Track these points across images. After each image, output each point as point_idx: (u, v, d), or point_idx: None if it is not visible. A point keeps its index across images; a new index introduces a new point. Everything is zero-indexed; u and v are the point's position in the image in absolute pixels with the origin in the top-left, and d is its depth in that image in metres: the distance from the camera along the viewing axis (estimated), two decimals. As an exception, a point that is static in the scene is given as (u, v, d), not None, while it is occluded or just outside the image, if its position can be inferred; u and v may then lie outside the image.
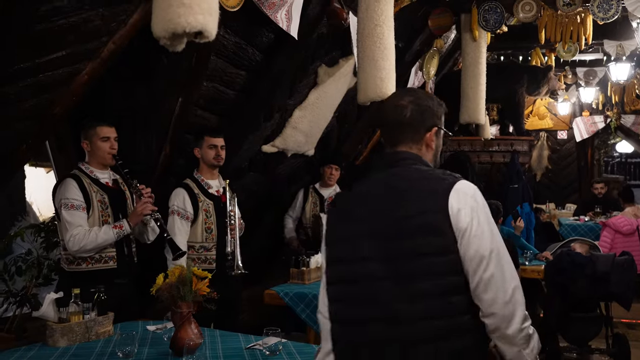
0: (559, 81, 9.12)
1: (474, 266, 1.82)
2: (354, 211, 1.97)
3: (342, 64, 5.21)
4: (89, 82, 3.19)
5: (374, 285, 1.86)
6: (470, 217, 1.84)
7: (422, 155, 2.04)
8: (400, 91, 2.19)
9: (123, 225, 3.48)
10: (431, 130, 2.04)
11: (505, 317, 1.83)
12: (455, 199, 1.85)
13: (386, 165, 2.03)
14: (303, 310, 4.13)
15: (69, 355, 2.65)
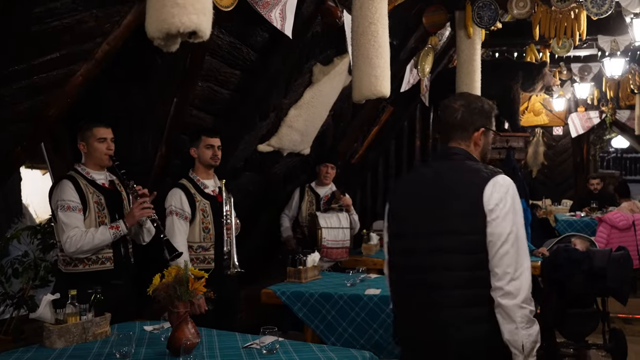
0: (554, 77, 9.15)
1: (494, 241, 2.20)
2: (410, 194, 2.46)
3: (337, 62, 5.21)
4: (83, 84, 3.19)
5: (417, 258, 2.33)
6: (498, 203, 2.22)
7: (470, 151, 2.44)
8: (455, 95, 2.57)
9: (120, 226, 3.48)
10: (479, 130, 2.43)
11: (509, 293, 2.16)
12: (490, 189, 2.24)
13: (438, 157, 2.57)
14: (300, 309, 4.14)
15: (66, 357, 2.66)
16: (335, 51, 5.19)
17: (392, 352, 3.90)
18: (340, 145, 6.66)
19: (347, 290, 4.14)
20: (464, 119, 2.42)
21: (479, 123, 2.44)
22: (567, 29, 6.33)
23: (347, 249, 5.53)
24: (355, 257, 5.92)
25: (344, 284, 4.29)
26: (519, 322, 2.16)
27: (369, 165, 8.51)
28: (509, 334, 2.17)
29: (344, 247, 5.49)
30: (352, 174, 7.64)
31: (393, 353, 3.89)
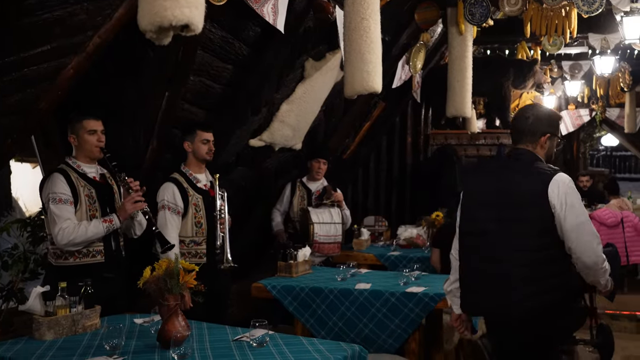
0: (545, 75, 9.18)
1: (566, 234, 2.74)
2: (483, 184, 3.02)
3: (329, 57, 5.22)
4: (74, 77, 3.19)
5: (489, 239, 2.85)
6: (561, 198, 2.74)
7: (536, 153, 2.95)
8: (528, 105, 3.18)
9: (113, 220, 3.48)
10: (544, 136, 2.95)
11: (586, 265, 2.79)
12: (554, 186, 2.75)
13: (509, 157, 3.08)
14: (290, 303, 4.16)
15: (55, 349, 2.66)
16: (327, 47, 5.20)
17: (382, 346, 3.93)
18: (331, 141, 6.67)
19: (337, 284, 4.16)
20: (533, 125, 2.95)
21: (546, 130, 2.96)
22: (558, 27, 6.36)
23: (339, 244, 5.54)
24: (347, 252, 5.95)
25: (334, 279, 4.31)
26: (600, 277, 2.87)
27: (361, 161, 8.53)
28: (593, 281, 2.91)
29: (336, 242, 5.51)
30: (343, 170, 7.66)
31: (383, 347, 3.92)
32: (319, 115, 5.89)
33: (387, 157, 8.92)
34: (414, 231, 6.42)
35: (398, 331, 3.92)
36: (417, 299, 3.89)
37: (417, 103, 8.45)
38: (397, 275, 4.41)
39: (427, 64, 7.57)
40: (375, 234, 6.92)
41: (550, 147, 3.00)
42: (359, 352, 2.75)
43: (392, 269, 5.71)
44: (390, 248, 6.30)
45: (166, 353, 2.55)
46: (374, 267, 5.72)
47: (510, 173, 2.92)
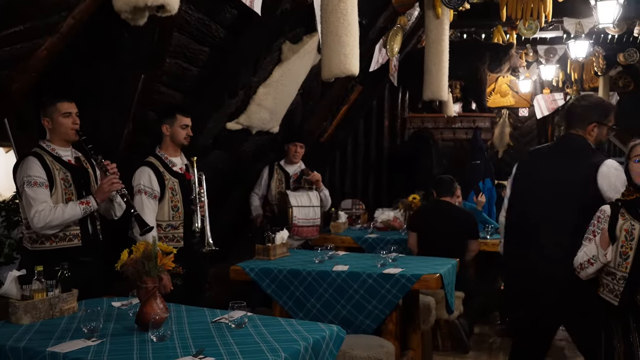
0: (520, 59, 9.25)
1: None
2: (537, 167, 3.49)
3: (306, 40, 5.21)
4: (48, 58, 3.15)
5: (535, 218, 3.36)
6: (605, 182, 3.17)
7: (586, 138, 3.34)
8: (580, 95, 3.72)
9: (90, 202, 3.45)
10: (592, 123, 3.34)
11: None
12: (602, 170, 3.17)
13: (561, 140, 3.61)
14: (269, 285, 4.17)
15: (33, 332, 2.64)
16: (304, 29, 5.18)
17: (359, 326, 3.97)
18: (309, 124, 6.67)
19: (315, 266, 4.18)
20: (583, 113, 3.34)
21: (594, 118, 3.34)
22: (534, 11, 6.41)
23: (317, 227, 5.56)
24: (324, 235, 5.98)
25: (312, 261, 4.33)
26: None
27: (338, 145, 8.54)
28: None
29: (315, 225, 5.53)
30: (321, 153, 7.67)
31: (360, 327, 3.96)
32: (297, 98, 5.89)
33: (364, 141, 8.95)
34: (390, 214, 6.47)
35: (375, 312, 3.96)
36: (394, 280, 3.93)
37: (394, 87, 8.47)
38: (375, 257, 4.44)
39: (404, 47, 7.58)
40: (352, 217, 6.97)
41: (598, 134, 3.39)
42: (337, 333, 2.77)
43: (369, 252, 5.76)
44: (368, 231, 6.35)
45: (145, 335, 2.55)
46: (351, 249, 5.76)
47: (561, 157, 3.39)
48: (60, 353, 2.34)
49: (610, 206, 3.06)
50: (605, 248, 2.98)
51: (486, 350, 5.41)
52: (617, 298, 3.00)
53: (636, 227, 2.94)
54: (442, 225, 5.40)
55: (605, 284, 3.05)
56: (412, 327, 4.39)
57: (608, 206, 3.06)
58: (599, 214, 3.07)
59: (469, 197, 6.90)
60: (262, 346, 2.44)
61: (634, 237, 2.94)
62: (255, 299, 4.82)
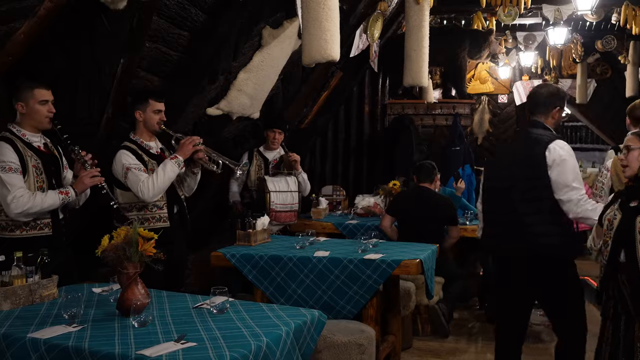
0: (500, 45, 9.30)
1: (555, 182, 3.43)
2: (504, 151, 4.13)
3: (286, 25, 5.18)
4: (25, 42, 3.10)
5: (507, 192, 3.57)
6: (554, 159, 3.43)
7: (546, 123, 3.64)
8: (542, 84, 4.27)
9: (69, 192, 3.41)
10: (556, 108, 3.66)
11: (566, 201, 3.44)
12: (551, 149, 3.44)
13: (527, 126, 3.74)
14: (250, 271, 4.18)
15: (13, 318, 2.63)
16: (284, 14, 5.15)
17: (340, 312, 3.99)
18: (289, 110, 6.65)
19: (296, 252, 4.20)
20: (546, 99, 3.64)
21: (556, 103, 3.66)
22: (513, -3, 6.44)
23: (295, 212, 5.57)
24: (305, 221, 6.00)
25: (293, 247, 4.34)
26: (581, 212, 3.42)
27: (318, 131, 8.54)
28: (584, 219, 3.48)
29: (293, 210, 5.53)
30: (301, 139, 7.66)
31: (341, 313, 3.98)
32: (277, 84, 5.86)
33: (344, 127, 8.96)
34: (371, 200, 6.50)
35: (356, 297, 3.98)
36: (375, 265, 3.95)
37: (375, 73, 8.48)
38: (355, 243, 4.47)
39: (385, 33, 7.58)
40: (333, 203, 6.98)
41: (558, 118, 3.69)
42: (318, 317, 2.79)
43: (350, 237, 5.79)
44: (348, 217, 6.37)
45: (126, 321, 2.55)
46: (332, 235, 5.78)
47: (525, 140, 3.65)
48: (41, 339, 2.33)
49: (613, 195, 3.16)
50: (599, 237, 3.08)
51: (465, 335, 5.48)
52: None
53: (617, 217, 2.99)
54: (421, 211, 5.43)
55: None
56: (393, 312, 4.43)
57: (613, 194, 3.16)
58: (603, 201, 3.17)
59: (448, 183, 6.95)
60: (244, 331, 2.45)
61: (613, 227, 2.99)
62: (236, 286, 4.83)
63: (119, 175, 3.90)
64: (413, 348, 5.06)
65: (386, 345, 4.21)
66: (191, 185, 4.27)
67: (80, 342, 2.30)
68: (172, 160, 3.89)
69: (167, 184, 3.89)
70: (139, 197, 3.83)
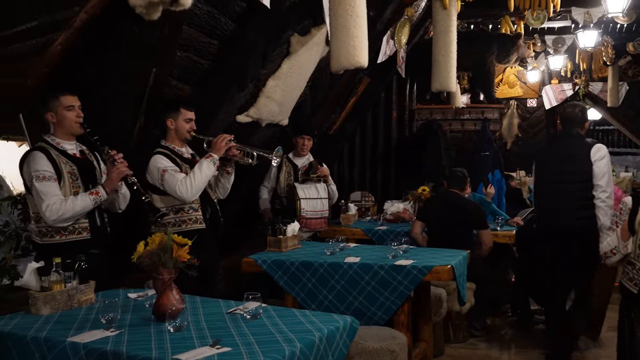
0: (528, 49, 9.22)
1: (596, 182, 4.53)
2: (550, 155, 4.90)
3: (314, 32, 5.21)
4: (62, 53, 3.17)
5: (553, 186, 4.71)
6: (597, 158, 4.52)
7: (582, 133, 4.75)
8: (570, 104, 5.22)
9: (99, 192, 3.46)
10: (587, 121, 4.83)
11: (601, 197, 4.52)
12: (593, 152, 4.55)
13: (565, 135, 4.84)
14: (281, 277, 4.20)
15: (52, 323, 2.69)
16: (312, 21, 5.18)
17: (371, 318, 3.99)
18: (317, 116, 6.68)
19: (327, 258, 4.21)
20: (582, 116, 4.74)
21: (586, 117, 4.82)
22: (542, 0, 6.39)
23: (325, 219, 5.59)
24: (334, 227, 6.01)
25: (323, 253, 4.36)
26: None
27: (346, 137, 8.55)
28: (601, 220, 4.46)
29: (323, 217, 5.55)
30: (329, 145, 7.68)
31: (372, 319, 3.98)
32: (305, 91, 5.89)
33: (372, 133, 8.95)
34: (400, 206, 6.49)
35: (387, 303, 3.98)
36: (406, 271, 3.95)
37: (402, 78, 8.46)
38: (386, 249, 4.46)
39: (412, 38, 7.57)
40: (362, 209, 6.98)
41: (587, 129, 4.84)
42: (351, 323, 2.80)
43: (379, 243, 5.78)
44: (378, 223, 6.37)
45: (162, 326, 2.58)
46: (361, 241, 5.79)
47: (567, 148, 4.70)
48: (80, 343, 2.38)
49: (632, 198, 3.09)
50: (625, 240, 3.03)
51: (497, 342, 5.43)
52: (637, 287, 3.04)
53: None
54: (450, 215, 5.41)
55: (626, 272, 3.11)
56: (424, 318, 4.41)
57: (630, 198, 3.11)
58: (621, 206, 3.12)
59: (478, 189, 6.90)
60: (277, 336, 2.47)
61: None
62: (265, 291, 4.85)
63: (154, 179, 3.96)
64: (445, 355, 5.03)
65: (418, 351, 4.20)
66: (226, 185, 4.33)
67: (118, 347, 2.34)
68: (208, 159, 3.96)
69: (204, 183, 3.96)
70: (178, 196, 3.89)
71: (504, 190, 7.54)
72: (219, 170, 4.21)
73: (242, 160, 4.20)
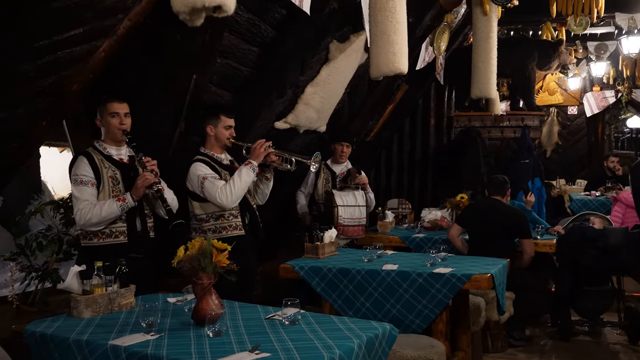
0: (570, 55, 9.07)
1: None
2: None
3: (353, 39, 5.21)
4: (106, 59, 3.22)
5: None
6: None
7: None
8: None
9: (126, 199, 3.47)
10: None
11: None
12: None
13: None
14: (318, 284, 4.19)
15: (94, 326, 2.72)
16: (351, 28, 5.18)
17: (409, 326, 3.95)
18: (355, 123, 6.67)
19: (364, 265, 4.19)
20: None
21: None
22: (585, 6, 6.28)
23: (363, 226, 5.56)
24: (371, 235, 5.98)
25: (361, 260, 4.33)
26: None
27: (383, 144, 8.52)
28: None
29: (360, 224, 5.53)
30: (366, 152, 7.66)
31: (410, 327, 3.94)
32: (343, 97, 5.89)
33: (410, 140, 8.91)
34: (438, 213, 6.43)
35: (425, 312, 3.94)
36: (445, 279, 3.90)
37: (440, 85, 8.41)
38: (424, 257, 4.42)
39: (451, 45, 7.52)
40: (399, 217, 6.94)
41: None
42: (390, 331, 2.77)
43: (417, 251, 5.73)
44: (415, 230, 6.32)
45: (201, 330, 2.59)
46: (398, 249, 5.74)
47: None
48: (121, 346, 2.40)
49: None
50: None
51: (537, 353, 5.33)
52: None
53: None
54: (491, 223, 5.33)
55: None
56: (462, 327, 4.35)
57: None
58: None
59: (517, 197, 6.80)
60: (316, 343, 2.45)
61: None
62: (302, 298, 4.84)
63: (194, 187, 3.99)
64: (483, 365, 4.96)
65: (456, 361, 4.14)
66: (265, 191, 4.35)
67: (159, 350, 2.35)
68: (247, 165, 3.98)
69: (244, 189, 3.98)
70: (218, 203, 3.92)
71: (544, 199, 7.41)
72: (258, 177, 4.22)
73: (281, 166, 4.21)
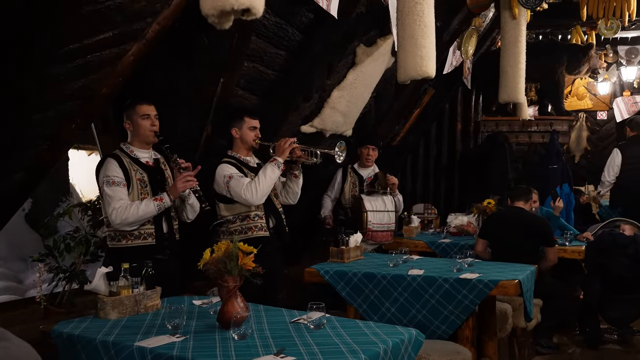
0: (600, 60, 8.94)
1: None
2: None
3: (380, 43, 5.19)
4: (134, 63, 3.25)
5: None
6: None
7: None
8: None
9: (163, 199, 3.52)
10: None
11: None
12: None
13: None
14: (343, 288, 4.18)
15: (120, 327, 2.74)
16: (378, 32, 5.17)
17: (435, 332, 3.91)
18: (381, 127, 6.65)
19: (390, 270, 4.16)
20: None
21: None
22: (617, 9, 6.18)
23: (392, 232, 5.54)
24: (397, 239, 5.94)
25: (386, 264, 4.31)
26: None
27: (410, 148, 8.48)
28: None
29: (389, 230, 5.50)
30: (392, 157, 7.63)
31: (436, 333, 3.90)
32: (370, 101, 5.87)
33: (436, 144, 8.86)
34: (464, 219, 6.37)
35: (451, 317, 3.90)
36: (471, 285, 3.86)
37: (467, 89, 8.35)
38: (450, 262, 4.38)
39: (478, 49, 7.46)
40: (424, 222, 6.90)
41: None
42: (416, 336, 2.74)
43: (443, 256, 5.68)
44: (441, 235, 6.27)
45: (226, 333, 2.60)
46: (424, 254, 5.69)
47: None
48: (147, 348, 2.41)
49: None
50: None
51: (565, 360, 5.25)
52: None
53: None
54: (514, 232, 5.21)
55: None
56: (489, 334, 4.30)
57: None
58: None
59: (545, 203, 6.71)
60: (341, 347, 2.44)
61: None
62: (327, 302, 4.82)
63: (221, 188, 4.02)
64: (509, 372, 4.89)
65: (482, 368, 4.09)
66: (295, 190, 4.36)
67: (184, 352, 2.36)
68: (272, 162, 4.00)
69: (270, 186, 3.99)
70: (244, 200, 3.94)
71: (572, 205, 7.30)
72: (287, 175, 4.24)
73: (307, 160, 4.22)
